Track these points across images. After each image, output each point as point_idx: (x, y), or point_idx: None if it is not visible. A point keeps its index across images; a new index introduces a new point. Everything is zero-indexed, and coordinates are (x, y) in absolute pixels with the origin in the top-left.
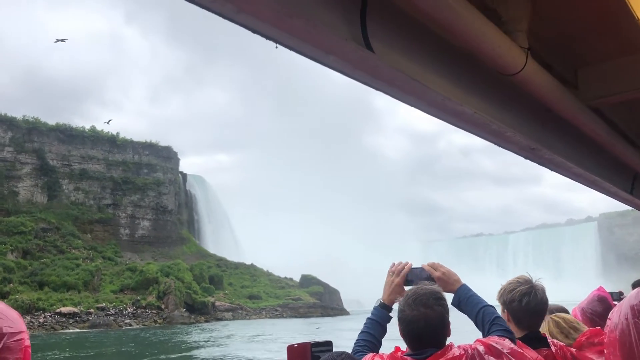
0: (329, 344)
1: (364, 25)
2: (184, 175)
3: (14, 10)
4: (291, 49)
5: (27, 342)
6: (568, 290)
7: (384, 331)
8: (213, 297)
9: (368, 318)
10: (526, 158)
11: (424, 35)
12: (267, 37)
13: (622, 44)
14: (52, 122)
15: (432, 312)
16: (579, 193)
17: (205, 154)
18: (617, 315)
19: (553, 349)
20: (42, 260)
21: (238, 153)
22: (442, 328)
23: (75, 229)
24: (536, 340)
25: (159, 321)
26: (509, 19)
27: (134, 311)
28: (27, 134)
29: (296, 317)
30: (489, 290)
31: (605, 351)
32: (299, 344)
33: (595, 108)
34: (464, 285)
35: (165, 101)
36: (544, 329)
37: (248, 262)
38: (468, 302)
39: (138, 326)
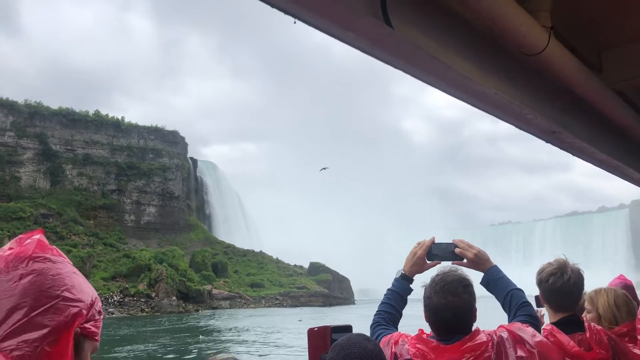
0: (349, 328)
1: (383, 0)
2: (194, 161)
3: (39, 5)
4: (309, 24)
5: (78, 312)
6: (598, 280)
7: (404, 303)
8: (212, 285)
9: (388, 289)
10: (547, 142)
11: (445, 12)
12: (286, 12)
13: None
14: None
15: (460, 301)
16: (611, 180)
17: (230, 143)
18: None
19: (588, 333)
20: None
21: (263, 142)
22: (470, 316)
23: (78, 215)
24: (571, 325)
25: (146, 310)
26: None
27: (121, 299)
28: (28, 118)
29: (296, 306)
30: (513, 279)
31: (638, 337)
32: (319, 328)
33: (620, 91)
34: (495, 266)
35: (190, 90)
36: (601, 303)
37: (258, 249)
38: (497, 283)
39: (121, 315)
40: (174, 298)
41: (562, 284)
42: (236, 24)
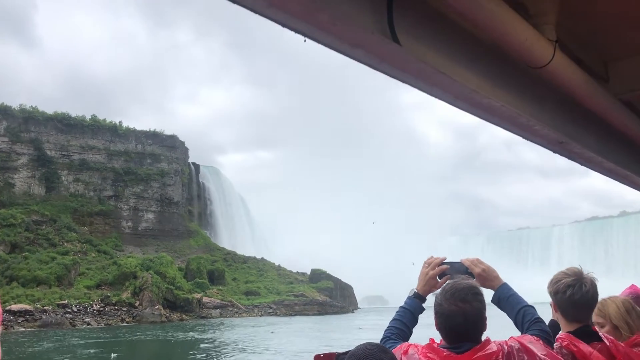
0: None
1: (390, 18)
2: (197, 167)
3: (55, 15)
4: (319, 42)
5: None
6: (619, 287)
7: (415, 321)
8: (204, 292)
9: (401, 307)
10: (555, 152)
11: (451, 28)
12: (296, 31)
13: None
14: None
15: (470, 308)
16: None
17: (246, 151)
18: None
19: (607, 342)
20: (24, 254)
21: (276, 149)
22: (480, 323)
23: (73, 221)
24: (588, 335)
25: (127, 320)
26: (536, 12)
27: (101, 309)
28: (23, 123)
29: (290, 315)
30: (525, 285)
31: None
32: (324, 354)
33: (627, 102)
34: (505, 284)
35: (205, 100)
36: (613, 313)
37: (264, 256)
38: (508, 301)
39: (99, 326)
40: (158, 307)
41: (581, 296)
42: (250, 33)
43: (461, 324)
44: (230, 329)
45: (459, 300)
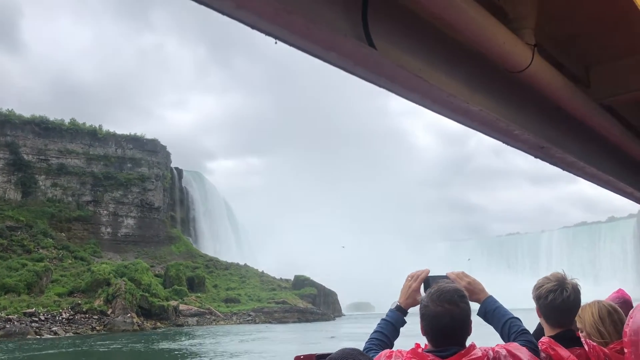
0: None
1: (365, 22)
2: (180, 171)
3: (41, 20)
4: (291, 45)
5: None
6: (606, 292)
7: (396, 333)
8: (182, 300)
9: (382, 319)
10: (536, 157)
11: (428, 31)
12: (267, 34)
13: (634, 42)
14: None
15: (457, 309)
16: None
17: (235, 157)
18: (638, 314)
19: (586, 348)
20: None
21: (267, 156)
22: (466, 325)
23: (50, 227)
24: (569, 340)
25: (97, 328)
26: (515, 16)
27: (71, 317)
28: None
29: (270, 322)
30: (515, 290)
31: (625, 351)
32: (305, 356)
33: (608, 106)
34: (491, 297)
35: (194, 106)
36: (587, 319)
37: (249, 263)
38: (494, 313)
39: (66, 334)
40: (130, 315)
41: (562, 301)
42: (242, 39)
43: (448, 324)
44: (194, 338)
45: (446, 301)
